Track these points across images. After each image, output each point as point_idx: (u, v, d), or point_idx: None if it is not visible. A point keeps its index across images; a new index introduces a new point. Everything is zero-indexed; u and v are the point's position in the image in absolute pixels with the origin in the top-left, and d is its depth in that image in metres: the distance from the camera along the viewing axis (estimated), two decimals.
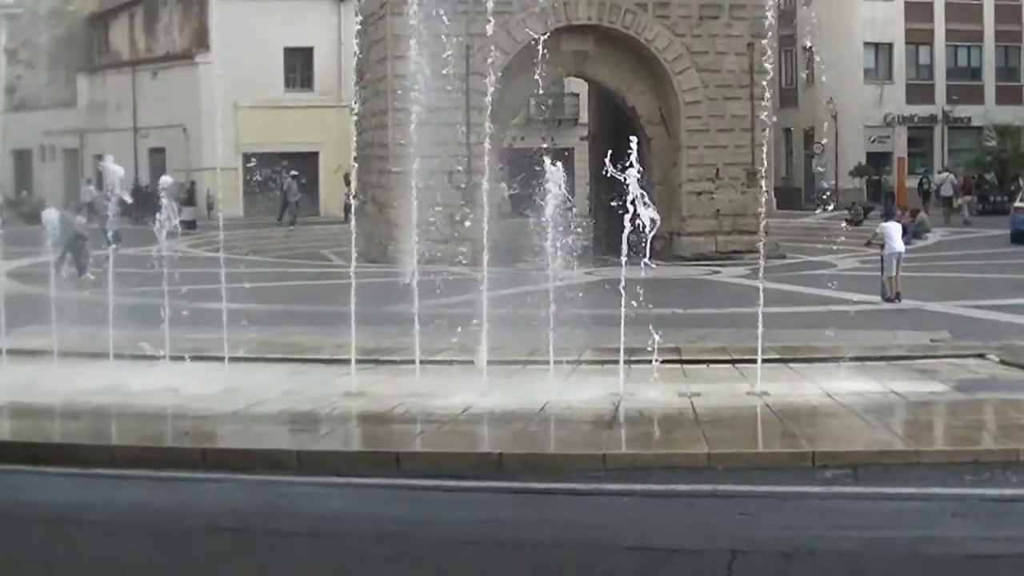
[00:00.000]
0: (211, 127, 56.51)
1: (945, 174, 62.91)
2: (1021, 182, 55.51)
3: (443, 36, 37.46)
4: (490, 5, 25.88)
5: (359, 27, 42.09)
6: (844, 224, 54.25)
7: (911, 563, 10.06)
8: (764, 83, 40.85)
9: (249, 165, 55.05)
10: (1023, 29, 73.80)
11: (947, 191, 60.14)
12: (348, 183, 46.88)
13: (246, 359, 19.41)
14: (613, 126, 44.48)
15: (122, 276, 20.23)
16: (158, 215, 20.01)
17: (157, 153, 64.98)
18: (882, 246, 29.48)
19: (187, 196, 56.03)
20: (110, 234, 22.26)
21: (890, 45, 72.02)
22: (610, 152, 17.36)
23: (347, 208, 48.31)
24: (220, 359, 18.88)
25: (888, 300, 28.97)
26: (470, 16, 36.41)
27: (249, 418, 15.90)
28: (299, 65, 63.21)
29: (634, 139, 18.02)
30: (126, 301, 20.29)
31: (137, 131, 66.21)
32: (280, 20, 59.52)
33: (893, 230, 29.89)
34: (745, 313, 20.40)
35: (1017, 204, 48.48)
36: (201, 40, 63.26)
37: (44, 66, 77.32)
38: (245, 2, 52.99)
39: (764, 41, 42.94)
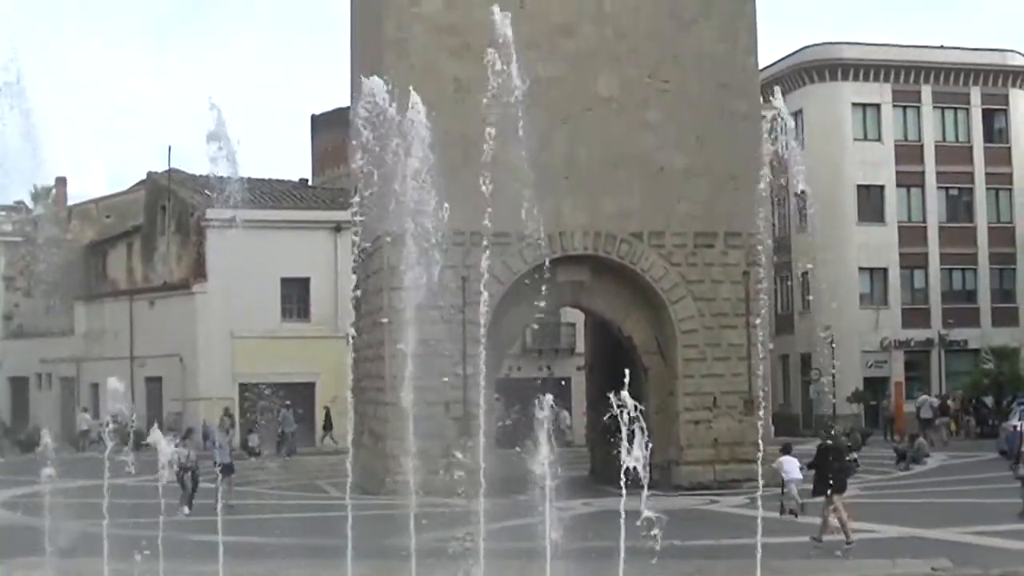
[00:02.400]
0: (208, 357, 56.60)
1: (924, 397, 64.21)
2: (1016, 403, 55.48)
3: (439, 267, 37.79)
4: (486, 239, 26.03)
5: (356, 258, 42.36)
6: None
7: None
8: (760, 311, 40.94)
9: (246, 395, 54.99)
10: (1017, 251, 74.52)
11: (926, 413, 61.51)
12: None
13: None
14: (610, 355, 44.49)
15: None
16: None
17: (154, 382, 64.88)
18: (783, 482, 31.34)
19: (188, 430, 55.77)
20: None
21: (885, 270, 72.63)
22: (608, 385, 17.22)
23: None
24: None
25: (791, 513, 30.50)
26: (466, 248, 36.62)
27: None
28: (296, 295, 63.52)
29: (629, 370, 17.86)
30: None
31: (134, 360, 66.21)
32: (277, 251, 59.97)
33: (788, 463, 31.59)
34: (744, 544, 20.11)
35: (1004, 424, 48.59)
36: (198, 270, 63.67)
37: (42, 294, 77.85)
38: (242, 232, 53.43)
39: (760, 269, 43.31)
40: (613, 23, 42.30)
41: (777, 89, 42.96)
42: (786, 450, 33.39)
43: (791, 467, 31.58)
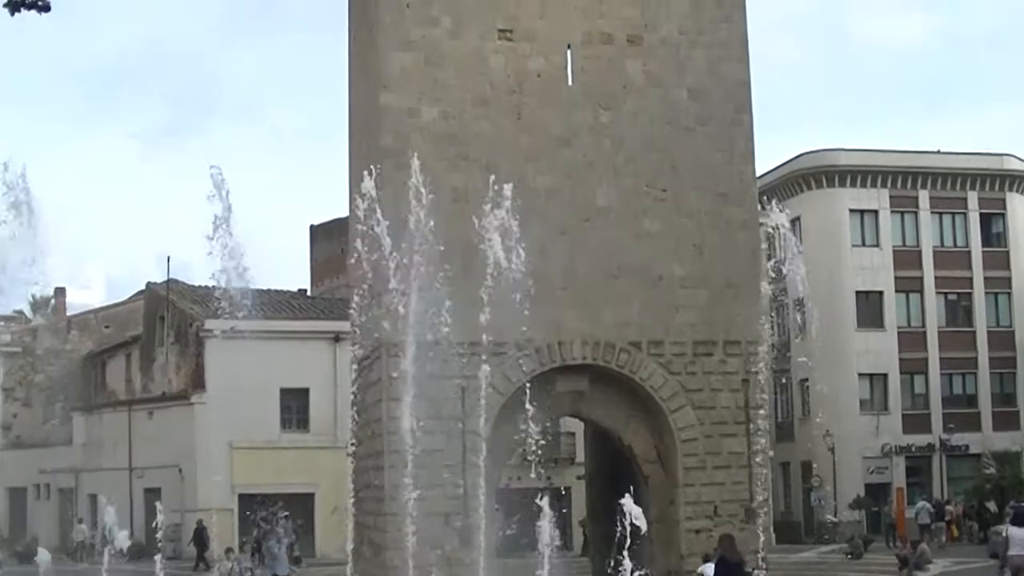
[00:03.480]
0: (207, 467, 56.34)
1: (921, 503, 64.10)
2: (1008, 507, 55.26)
3: (438, 378, 37.78)
4: (484, 352, 26.08)
5: (355, 369, 42.38)
6: (847, 557, 53.84)
7: None
8: (760, 419, 40.84)
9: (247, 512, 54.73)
10: (1017, 355, 74.54)
11: (924, 519, 61.64)
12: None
13: None
14: (610, 465, 44.32)
15: None
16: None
17: (152, 493, 64.57)
18: None
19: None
20: None
21: (885, 376, 72.61)
22: (609, 495, 17.18)
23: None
24: None
25: None
26: (465, 357, 36.66)
27: None
28: (295, 406, 63.41)
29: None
30: None
31: (132, 471, 65.97)
32: (276, 361, 59.96)
33: (708, 569, 31.59)
34: None
35: (994, 528, 48.45)
36: (197, 380, 63.60)
37: (41, 404, 77.87)
38: (241, 343, 53.43)
39: (759, 376, 43.24)
40: (611, 133, 42.53)
41: (774, 202, 43.62)
42: (707, 559, 33.39)
43: (708, 571, 31.49)
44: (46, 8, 14.99)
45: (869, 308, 72.77)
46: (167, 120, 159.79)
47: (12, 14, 14.97)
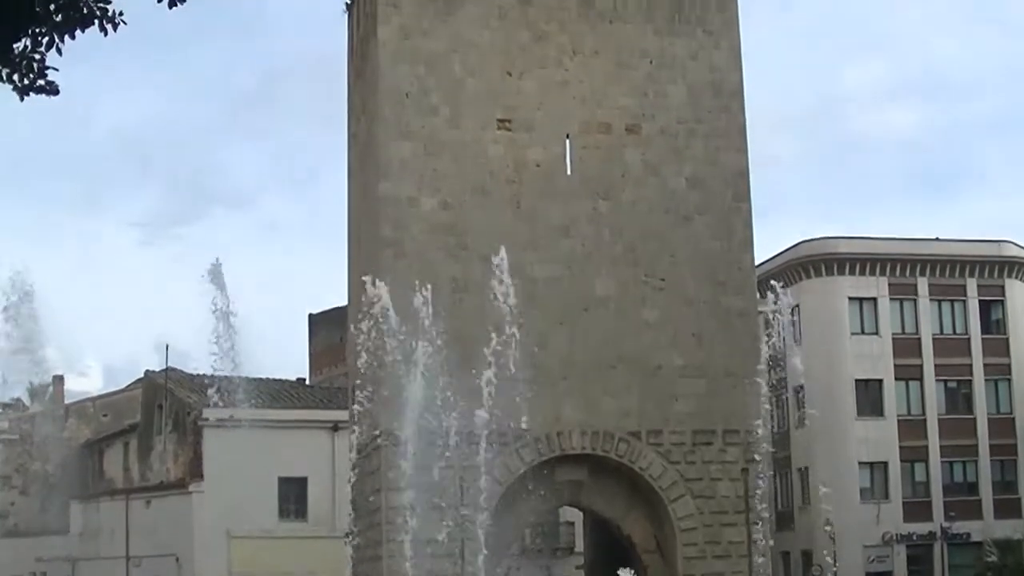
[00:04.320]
0: (204, 556, 55.95)
1: None
2: None
3: (437, 467, 37.70)
4: (483, 442, 26.11)
5: (353, 458, 42.25)
6: None
7: None
8: (760, 508, 40.72)
9: None
10: (1018, 442, 74.28)
11: None
12: None
13: None
14: (609, 554, 44.11)
15: None
16: None
17: None
18: None
19: None
20: None
21: (885, 464, 72.27)
22: None
23: None
24: None
25: None
26: (464, 447, 36.61)
27: None
28: (293, 495, 63.03)
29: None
30: None
31: (129, 560, 65.50)
32: (274, 450, 59.69)
33: None
34: None
35: None
36: (195, 469, 63.28)
37: (38, 492, 77.48)
38: (239, 432, 53.30)
39: (758, 465, 43.12)
40: (609, 223, 42.72)
41: (775, 284, 43.65)
42: None
43: None
44: (55, 91, 15.08)
45: (869, 396, 72.52)
46: (166, 208, 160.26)
47: (22, 99, 15.05)
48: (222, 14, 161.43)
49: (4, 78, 14.71)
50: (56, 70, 14.73)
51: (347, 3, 49.03)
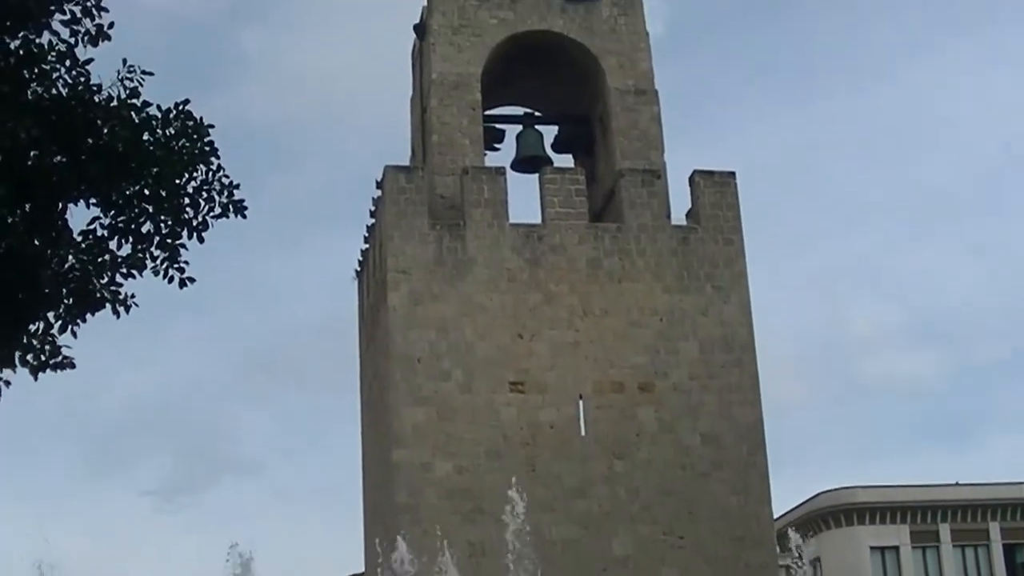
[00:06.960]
0: None
1: None
2: None
3: None
4: None
5: None
6: None
7: None
8: None
9: None
10: None
11: None
12: None
13: None
14: None
15: None
16: None
17: None
18: None
19: None
20: None
21: None
22: None
23: None
24: None
25: None
26: None
27: None
28: None
29: None
30: None
31: None
32: None
33: None
34: None
35: None
36: None
37: None
38: None
39: None
40: (625, 482, 42.43)
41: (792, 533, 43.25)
42: None
43: None
44: (71, 366, 15.16)
45: None
46: (179, 476, 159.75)
47: (35, 378, 15.14)
48: (232, 283, 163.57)
49: (18, 361, 14.77)
50: (69, 347, 14.81)
51: (356, 271, 49.63)
